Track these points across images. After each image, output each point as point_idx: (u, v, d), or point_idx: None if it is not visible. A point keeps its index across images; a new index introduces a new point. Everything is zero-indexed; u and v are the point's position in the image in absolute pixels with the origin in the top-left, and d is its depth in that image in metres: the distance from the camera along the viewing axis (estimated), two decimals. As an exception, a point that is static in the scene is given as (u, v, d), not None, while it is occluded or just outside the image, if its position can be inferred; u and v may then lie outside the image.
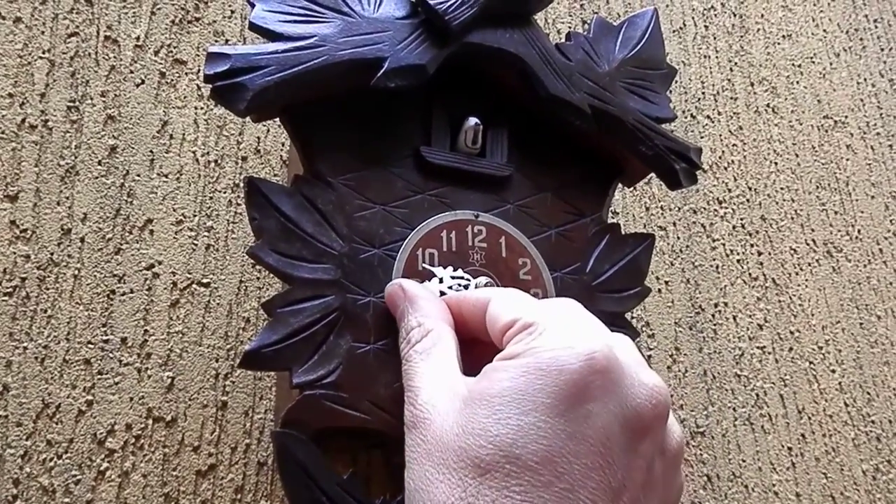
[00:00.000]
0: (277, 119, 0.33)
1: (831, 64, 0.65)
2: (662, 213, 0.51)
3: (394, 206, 0.32)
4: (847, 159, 0.61)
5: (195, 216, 0.38)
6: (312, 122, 0.32)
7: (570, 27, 0.54)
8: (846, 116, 0.63)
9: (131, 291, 0.35)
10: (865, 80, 0.66)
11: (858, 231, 0.59)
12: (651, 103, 0.38)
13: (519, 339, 0.23)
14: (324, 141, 0.32)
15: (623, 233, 0.38)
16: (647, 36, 0.39)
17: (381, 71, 0.30)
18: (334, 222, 0.31)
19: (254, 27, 0.30)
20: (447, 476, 0.21)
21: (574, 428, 0.20)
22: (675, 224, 0.51)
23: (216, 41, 0.42)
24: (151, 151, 0.38)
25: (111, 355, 0.34)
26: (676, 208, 0.52)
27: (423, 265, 0.32)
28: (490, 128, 0.35)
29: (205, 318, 0.36)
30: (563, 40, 0.37)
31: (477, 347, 0.28)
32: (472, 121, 0.34)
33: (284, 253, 0.29)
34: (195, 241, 0.37)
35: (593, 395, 0.21)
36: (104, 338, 0.34)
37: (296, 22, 0.30)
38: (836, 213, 0.58)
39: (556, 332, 0.23)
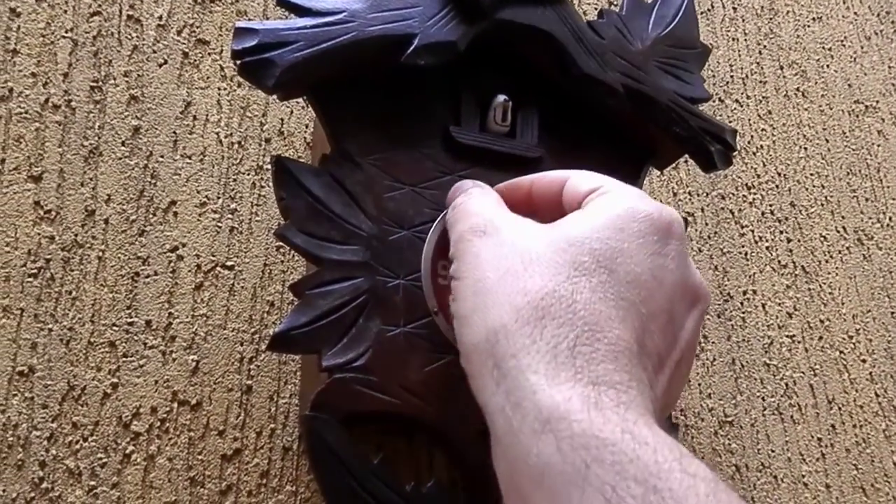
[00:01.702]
0: (302, 99, 0.32)
1: (862, 48, 0.63)
2: (690, 199, 0.50)
3: (423, 187, 0.32)
4: (878, 145, 0.60)
5: (219, 198, 0.37)
6: (340, 101, 0.31)
7: (597, 7, 0.52)
8: (877, 101, 0.61)
9: (155, 274, 0.35)
10: (897, 63, 0.64)
11: (890, 218, 0.57)
12: (685, 83, 0.37)
13: (608, 196, 0.25)
14: (352, 120, 0.31)
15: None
16: (680, 14, 0.38)
17: (412, 47, 0.30)
18: (363, 203, 0.30)
19: (282, 2, 0.29)
20: (539, 270, 0.22)
21: (657, 271, 0.23)
22: (703, 210, 0.50)
23: (239, 20, 0.41)
24: (175, 132, 0.38)
25: (136, 338, 0.34)
26: (704, 194, 0.51)
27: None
28: (520, 108, 0.34)
29: (229, 302, 0.36)
30: (594, 18, 0.36)
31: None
32: (501, 97, 0.33)
33: (313, 234, 0.29)
34: (219, 224, 0.37)
35: (670, 253, 0.24)
36: (129, 320, 0.34)
37: (324, -3, 0.29)
38: (867, 199, 0.57)
39: (643, 197, 0.25)
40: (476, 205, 0.27)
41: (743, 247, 0.51)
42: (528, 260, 0.23)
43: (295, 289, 0.28)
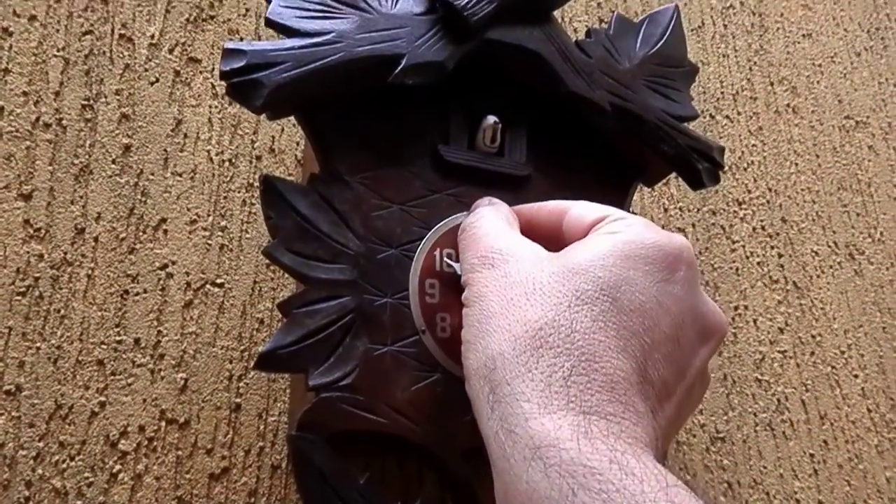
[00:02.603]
0: (292, 117, 0.33)
1: (852, 63, 0.64)
2: (681, 215, 0.50)
3: (411, 206, 0.32)
4: (869, 160, 0.60)
5: (209, 216, 0.37)
6: (329, 121, 0.31)
7: (587, 26, 0.53)
8: (868, 117, 0.62)
9: (145, 291, 0.35)
10: (887, 80, 0.64)
11: (881, 234, 0.58)
12: (673, 101, 0.37)
13: (614, 223, 0.25)
14: (340, 139, 0.31)
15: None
16: (668, 33, 0.38)
17: (399, 67, 0.30)
18: (351, 222, 0.30)
19: (270, 23, 0.29)
20: (540, 300, 0.22)
21: (663, 298, 0.23)
22: (693, 226, 0.50)
23: (231, 39, 0.41)
24: (165, 150, 0.38)
25: (124, 356, 0.34)
26: (695, 209, 0.51)
27: (447, 260, 0.31)
28: (509, 126, 0.34)
29: (218, 319, 0.36)
30: (582, 37, 0.36)
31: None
32: (491, 119, 0.33)
33: (300, 252, 0.29)
34: (209, 241, 0.37)
35: (679, 280, 0.24)
36: (117, 338, 0.34)
37: (313, 18, 0.30)
38: (857, 214, 0.57)
39: (651, 225, 0.25)
40: (486, 229, 0.27)
41: (734, 262, 0.51)
42: (530, 290, 0.23)
43: (282, 307, 0.28)
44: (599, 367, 0.21)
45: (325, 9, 0.30)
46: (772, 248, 0.53)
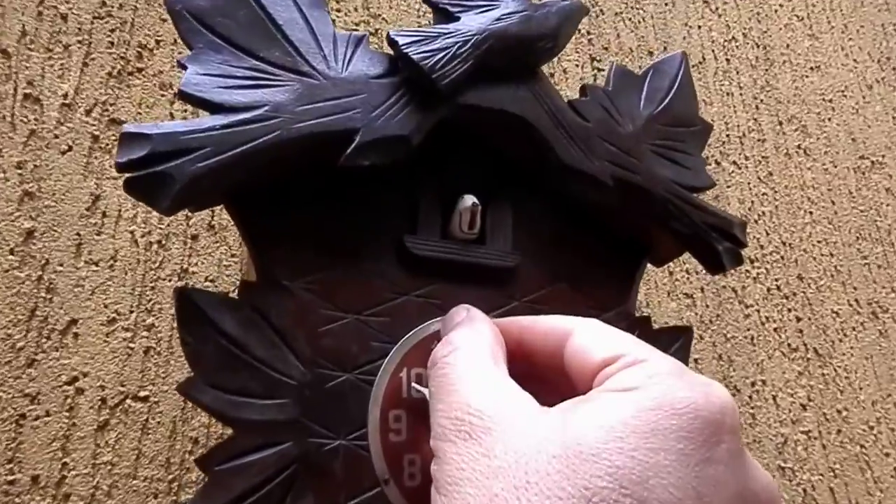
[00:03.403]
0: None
1: (864, 98, 0.58)
2: (688, 278, 0.45)
3: (370, 315, 0.25)
4: (887, 205, 0.55)
5: (131, 312, 0.31)
6: (264, 212, 0.25)
7: (577, 65, 0.47)
8: (883, 156, 0.57)
9: (47, 414, 0.28)
10: (901, 113, 0.59)
11: (905, 287, 0.52)
12: (684, 168, 0.31)
13: (630, 372, 0.19)
14: (281, 235, 0.25)
15: (654, 327, 0.31)
16: (676, 86, 0.32)
17: (353, 146, 0.24)
18: (293, 341, 0.24)
19: (185, 97, 0.23)
20: (538, 501, 0.17)
21: (703, 488, 0.17)
22: (702, 290, 0.45)
23: (162, 96, 0.35)
24: (78, 234, 0.31)
25: (17, 500, 0.27)
26: (703, 272, 0.45)
27: (415, 385, 0.25)
28: (490, 207, 0.28)
29: (141, 443, 0.29)
30: (574, 94, 0.31)
31: (532, 383, 0.22)
32: (469, 200, 0.27)
33: (226, 387, 0.23)
34: (131, 345, 0.31)
35: (722, 458, 0.18)
36: (9, 477, 0.27)
37: (241, 88, 0.24)
38: (879, 267, 0.52)
39: (679, 373, 0.19)
40: (460, 372, 0.21)
41: (748, 330, 0.45)
42: (523, 483, 0.17)
43: (202, 463, 0.22)
44: None
45: (258, 75, 0.24)
46: (789, 310, 0.47)
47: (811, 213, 0.51)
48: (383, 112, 0.25)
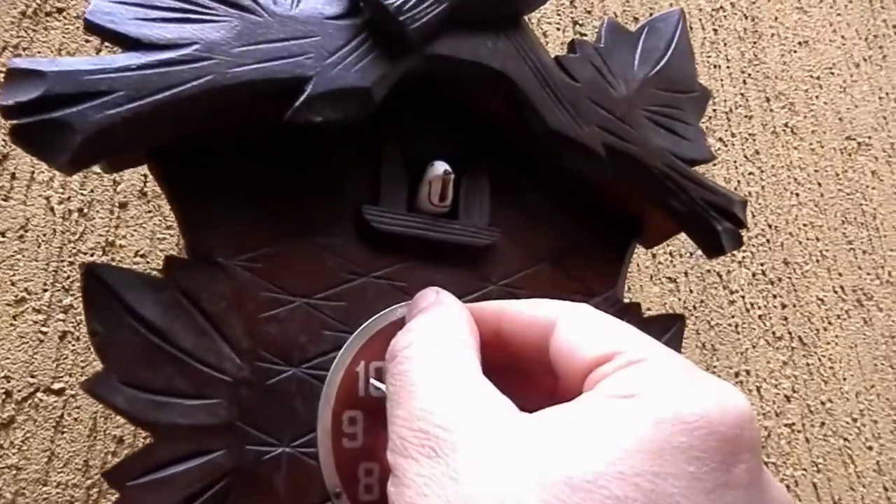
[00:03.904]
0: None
1: (851, 76, 0.56)
2: (672, 261, 0.42)
3: (322, 299, 0.22)
4: (873, 188, 0.53)
5: (45, 291, 0.27)
6: (198, 174, 0.21)
7: (558, 28, 0.43)
8: (870, 137, 0.55)
9: (-62, 411, 0.24)
10: (888, 94, 0.57)
11: (889, 273, 0.50)
12: (681, 138, 0.28)
13: (629, 375, 0.16)
14: (214, 200, 0.21)
15: (644, 314, 0.28)
16: (673, 47, 0.29)
17: (303, 97, 0.20)
18: (228, 330, 0.20)
19: (93, 28, 0.19)
20: None
21: None
22: (686, 274, 0.42)
23: (87, 41, 0.30)
24: (-19, 199, 0.27)
25: None
26: (688, 254, 0.42)
27: (374, 381, 0.21)
28: (464, 177, 0.25)
29: (54, 443, 0.25)
30: (560, 49, 0.27)
31: (513, 378, 0.19)
32: (440, 167, 0.23)
33: (144, 385, 0.19)
34: (43, 329, 0.26)
35: (740, 480, 0.14)
36: None
37: (165, 21, 0.19)
38: (864, 252, 0.50)
39: (687, 376, 0.16)
40: (423, 371, 0.17)
41: (733, 317, 0.43)
42: None
43: (112, 478, 0.18)
44: None
45: (187, 6, 0.20)
46: (774, 296, 0.45)
47: (797, 194, 0.49)
48: (340, 59, 0.21)
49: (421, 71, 0.23)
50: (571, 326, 0.18)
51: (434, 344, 0.18)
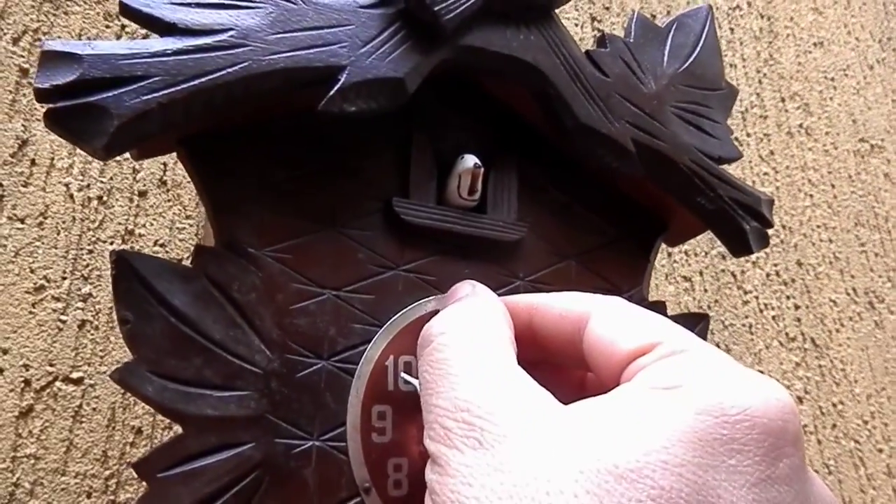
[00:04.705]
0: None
1: (865, 78, 0.56)
2: (687, 260, 0.42)
3: (351, 291, 0.21)
4: (885, 190, 0.53)
5: (64, 279, 0.26)
6: (227, 162, 0.20)
7: (577, 24, 0.43)
8: (882, 139, 0.54)
9: (-44, 399, 0.24)
10: (901, 97, 0.57)
11: (900, 276, 0.50)
12: (709, 136, 0.28)
13: (670, 365, 0.16)
14: (245, 190, 0.21)
15: (669, 314, 0.28)
16: (701, 43, 0.29)
17: (337, 86, 0.20)
18: (258, 321, 0.20)
19: (129, 12, 0.18)
20: None
21: None
22: (701, 273, 0.42)
23: (107, 27, 0.30)
24: (1, 185, 0.26)
25: (-83, 502, 0.23)
26: (703, 253, 0.42)
27: (404, 375, 0.21)
28: (493, 171, 0.24)
29: (73, 433, 0.25)
30: (593, 46, 0.27)
31: (542, 370, 0.18)
32: (470, 160, 0.23)
33: (174, 376, 0.18)
34: (62, 317, 0.26)
35: (783, 475, 0.14)
36: None
37: (200, 6, 0.19)
38: (876, 255, 0.50)
39: (728, 369, 0.15)
40: (463, 360, 0.17)
41: (747, 317, 0.42)
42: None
43: (141, 469, 0.18)
44: None
45: (222, -8, 0.19)
46: (787, 297, 0.45)
47: (811, 195, 0.49)
48: (374, 49, 0.21)
49: (452, 63, 0.22)
50: (606, 319, 0.18)
51: (471, 332, 0.17)
